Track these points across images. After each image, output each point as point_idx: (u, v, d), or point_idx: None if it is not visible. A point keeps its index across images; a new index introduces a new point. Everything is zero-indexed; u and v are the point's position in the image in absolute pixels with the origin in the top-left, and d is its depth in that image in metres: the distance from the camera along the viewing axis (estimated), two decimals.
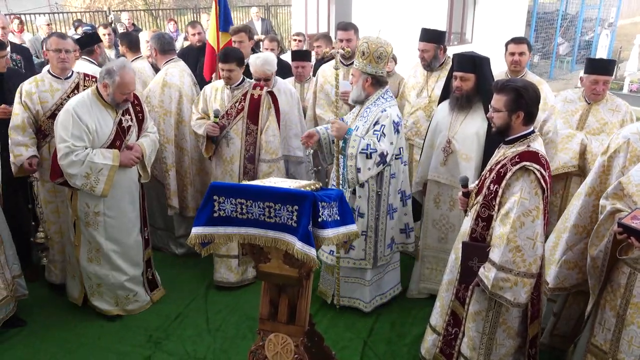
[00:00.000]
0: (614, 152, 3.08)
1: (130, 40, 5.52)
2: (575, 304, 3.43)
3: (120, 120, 3.87)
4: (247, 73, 4.90)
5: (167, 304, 4.35)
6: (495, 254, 2.82)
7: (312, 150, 4.08)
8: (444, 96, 4.17)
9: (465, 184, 3.18)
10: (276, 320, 2.85)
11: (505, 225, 2.79)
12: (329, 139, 4.03)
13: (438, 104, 4.25)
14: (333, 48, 5.21)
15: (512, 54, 4.51)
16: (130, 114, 3.96)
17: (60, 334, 3.99)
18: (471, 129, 3.83)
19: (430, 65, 4.65)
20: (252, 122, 4.38)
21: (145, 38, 5.75)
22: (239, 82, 4.39)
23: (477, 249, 2.97)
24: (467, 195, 3.19)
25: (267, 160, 4.44)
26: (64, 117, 3.68)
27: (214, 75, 5.22)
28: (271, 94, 4.45)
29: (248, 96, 4.39)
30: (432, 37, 4.58)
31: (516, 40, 4.55)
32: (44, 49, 4.28)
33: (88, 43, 4.98)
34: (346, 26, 5.10)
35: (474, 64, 3.75)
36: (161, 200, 4.99)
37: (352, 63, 4.88)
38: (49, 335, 3.97)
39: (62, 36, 4.16)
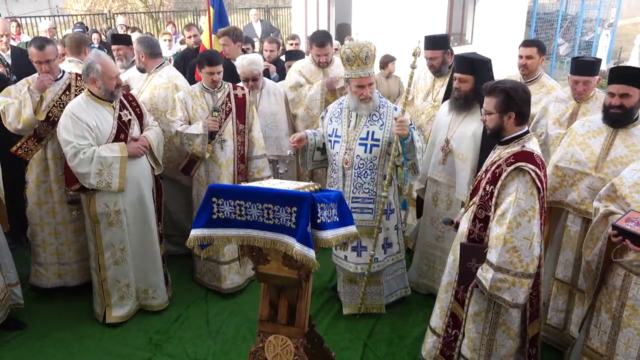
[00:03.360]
0: None
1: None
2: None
3: (120, 115, 3.89)
4: (235, 76, 4.91)
5: (167, 306, 4.34)
6: (492, 255, 2.82)
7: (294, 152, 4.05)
8: (446, 96, 4.19)
9: (449, 223, 3.21)
10: (276, 321, 2.85)
11: (502, 226, 2.79)
12: (315, 144, 4.04)
13: (442, 103, 4.28)
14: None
15: (520, 57, 4.51)
16: (127, 109, 3.98)
17: (60, 336, 3.99)
18: (468, 129, 3.84)
19: (440, 71, 4.66)
20: (241, 121, 4.42)
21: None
22: (221, 84, 4.42)
23: (474, 250, 2.98)
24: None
25: (260, 155, 4.54)
26: (64, 121, 3.72)
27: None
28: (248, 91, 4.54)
29: (232, 97, 4.41)
30: (438, 44, 4.59)
31: (524, 43, 4.54)
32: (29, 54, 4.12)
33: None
34: (323, 41, 4.99)
35: (472, 65, 3.77)
36: (170, 207, 4.96)
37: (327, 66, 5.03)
38: (49, 338, 3.98)
39: (41, 47, 3.98)
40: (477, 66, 3.77)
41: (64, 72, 4.20)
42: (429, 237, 4.32)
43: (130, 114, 3.99)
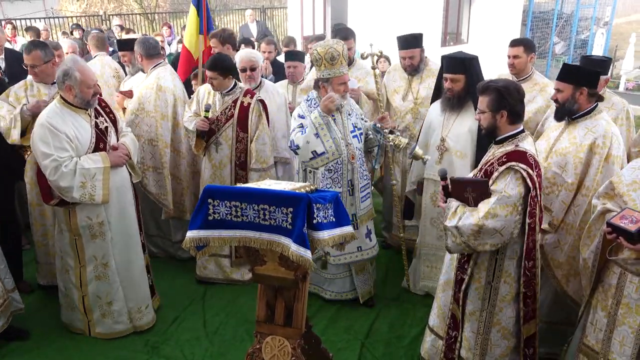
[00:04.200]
0: None
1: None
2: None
3: (97, 123, 3.70)
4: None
5: (164, 308, 4.34)
6: (465, 219, 2.84)
7: None
8: (435, 96, 4.21)
9: (444, 177, 3.06)
10: (273, 322, 2.85)
11: (480, 211, 2.82)
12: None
13: (431, 104, 4.29)
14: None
15: (508, 56, 4.53)
16: (102, 116, 3.79)
17: (58, 340, 3.98)
18: (464, 126, 3.88)
19: (417, 69, 4.71)
20: (242, 129, 4.35)
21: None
22: (230, 88, 4.36)
23: (484, 189, 2.89)
24: (446, 188, 3.09)
25: (258, 169, 4.41)
26: (41, 132, 3.48)
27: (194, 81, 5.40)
28: (262, 102, 4.41)
29: (238, 103, 4.35)
30: (416, 42, 4.64)
31: (511, 43, 4.54)
32: None
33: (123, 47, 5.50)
34: (347, 36, 5.03)
35: (464, 65, 3.82)
36: (151, 206, 4.92)
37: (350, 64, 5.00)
38: (47, 342, 3.96)
39: (28, 50, 3.95)
40: (469, 65, 3.82)
41: None
42: (429, 238, 4.30)
43: (106, 121, 3.79)
